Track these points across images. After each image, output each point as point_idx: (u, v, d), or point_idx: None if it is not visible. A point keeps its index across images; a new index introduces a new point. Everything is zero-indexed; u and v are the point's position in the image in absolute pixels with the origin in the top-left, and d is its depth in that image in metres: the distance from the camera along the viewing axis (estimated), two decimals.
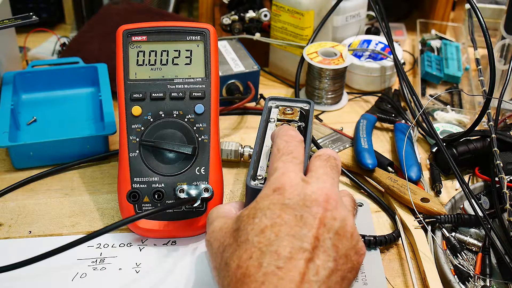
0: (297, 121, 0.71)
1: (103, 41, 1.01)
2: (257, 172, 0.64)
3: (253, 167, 0.64)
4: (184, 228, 0.68)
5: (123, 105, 0.70)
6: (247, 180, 0.62)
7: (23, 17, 0.83)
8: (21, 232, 0.70)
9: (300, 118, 0.72)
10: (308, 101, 0.73)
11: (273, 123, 0.71)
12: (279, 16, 0.97)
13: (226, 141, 0.81)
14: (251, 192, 0.62)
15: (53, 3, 1.16)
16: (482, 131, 0.82)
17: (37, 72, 0.91)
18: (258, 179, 0.63)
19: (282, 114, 0.72)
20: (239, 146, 0.80)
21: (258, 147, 0.67)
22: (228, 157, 0.80)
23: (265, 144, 0.68)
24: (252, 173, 0.63)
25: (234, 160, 0.80)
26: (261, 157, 0.66)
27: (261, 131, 0.69)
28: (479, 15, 0.76)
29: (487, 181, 0.78)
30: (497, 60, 0.93)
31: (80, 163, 0.81)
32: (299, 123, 0.71)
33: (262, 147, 0.68)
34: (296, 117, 0.71)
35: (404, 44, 1.15)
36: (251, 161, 0.65)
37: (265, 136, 0.69)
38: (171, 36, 0.72)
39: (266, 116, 0.71)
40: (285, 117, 0.72)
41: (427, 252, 0.67)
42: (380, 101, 0.95)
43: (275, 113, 0.72)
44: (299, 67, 0.95)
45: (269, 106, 0.73)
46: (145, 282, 0.64)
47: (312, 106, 0.72)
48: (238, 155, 0.80)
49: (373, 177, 0.78)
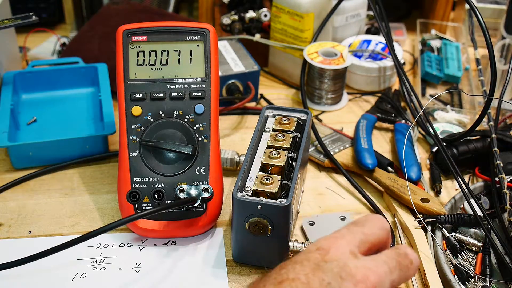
0: (292, 132, 0.70)
1: (103, 41, 1.01)
2: (245, 183, 0.63)
3: (242, 177, 0.63)
4: (184, 228, 0.68)
5: (123, 105, 0.70)
6: (233, 191, 0.61)
7: (23, 17, 0.83)
8: (21, 232, 0.70)
9: (297, 128, 0.71)
10: (306, 111, 0.73)
11: (268, 133, 0.70)
12: (279, 17, 0.97)
13: (223, 149, 0.79)
14: (237, 204, 0.61)
15: (53, 3, 1.16)
16: (482, 131, 0.82)
17: (37, 72, 0.91)
18: (246, 191, 0.62)
19: (278, 124, 0.71)
20: (235, 154, 0.79)
21: (250, 157, 0.66)
22: (224, 165, 0.78)
23: (257, 155, 0.67)
24: (240, 184, 0.62)
25: (230, 168, 0.79)
26: (251, 168, 0.65)
27: (254, 141, 0.68)
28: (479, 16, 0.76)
29: (487, 181, 0.77)
30: (497, 60, 0.93)
31: (80, 163, 0.81)
32: (294, 134, 0.70)
33: (254, 157, 0.67)
34: (292, 128, 0.71)
35: (404, 44, 1.15)
36: (240, 171, 0.64)
37: (258, 146, 0.68)
38: (171, 36, 0.72)
39: (262, 125, 0.71)
40: (281, 127, 0.71)
41: (427, 252, 0.67)
42: (380, 101, 0.94)
43: (271, 123, 0.72)
44: (302, 70, 0.95)
45: (265, 115, 0.73)
46: (145, 282, 0.64)
47: (310, 116, 0.72)
48: (234, 164, 0.79)
49: (373, 177, 0.78)
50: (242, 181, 0.63)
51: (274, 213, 0.60)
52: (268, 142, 0.69)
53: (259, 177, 0.64)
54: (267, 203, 0.60)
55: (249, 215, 0.61)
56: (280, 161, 0.66)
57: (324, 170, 0.82)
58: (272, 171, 0.66)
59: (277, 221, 0.61)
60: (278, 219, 0.61)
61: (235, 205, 0.61)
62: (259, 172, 0.65)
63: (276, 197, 0.62)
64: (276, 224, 0.61)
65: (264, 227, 0.61)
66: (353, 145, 0.83)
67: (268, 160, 0.66)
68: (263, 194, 0.63)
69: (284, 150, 0.68)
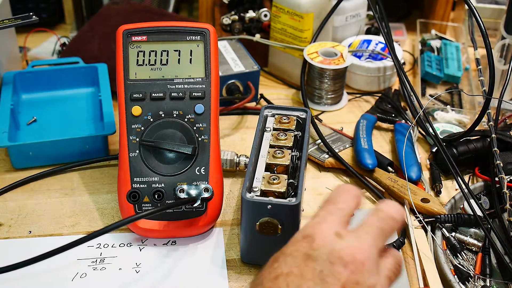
0: (293, 130, 0.71)
1: (103, 41, 1.01)
2: (252, 183, 0.63)
3: (249, 178, 0.63)
4: (184, 228, 0.68)
5: (123, 105, 0.70)
6: (242, 192, 0.61)
7: (23, 17, 0.83)
8: (21, 232, 0.70)
9: (297, 126, 0.72)
10: (305, 109, 0.73)
11: (269, 132, 0.70)
12: (279, 17, 0.97)
13: (222, 150, 0.79)
14: (247, 205, 0.61)
15: (53, 3, 1.16)
16: (482, 131, 0.82)
17: (37, 72, 0.91)
18: (254, 191, 0.62)
19: (278, 123, 0.71)
20: (234, 155, 0.79)
21: (254, 158, 0.66)
22: (224, 166, 0.78)
23: (261, 155, 0.67)
24: (248, 185, 0.62)
25: (230, 169, 0.79)
26: (257, 168, 0.65)
27: (256, 141, 0.68)
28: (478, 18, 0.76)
29: (487, 181, 0.78)
30: (497, 60, 0.93)
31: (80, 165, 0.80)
32: (296, 132, 0.70)
33: (258, 157, 0.67)
34: (293, 126, 0.71)
35: (404, 44, 1.15)
36: (246, 172, 0.64)
37: (261, 146, 0.68)
38: (171, 36, 0.72)
39: (262, 125, 0.71)
40: (281, 126, 0.71)
41: (427, 252, 0.67)
42: (380, 101, 0.95)
43: (271, 122, 0.72)
44: (302, 70, 0.95)
45: (265, 115, 0.73)
46: (145, 282, 0.64)
47: (309, 114, 0.72)
48: (234, 165, 0.79)
49: (373, 177, 0.78)
50: (250, 182, 0.63)
51: (284, 212, 0.60)
52: (270, 142, 0.69)
53: (266, 177, 0.64)
54: (277, 202, 0.60)
55: (259, 215, 0.61)
56: (285, 160, 0.66)
57: (324, 170, 0.82)
58: (277, 170, 0.67)
59: (287, 220, 0.61)
60: (288, 218, 0.61)
61: (245, 206, 0.61)
62: (264, 172, 0.65)
63: (284, 197, 0.62)
64: (286, 223, 0.61)
65: (275, 227, 0.61)
66: (353, 145, 0.83)
67: (272, 159, 0.66)
68: (271, 194, 0.63)
69: (287, 149, 0.68)
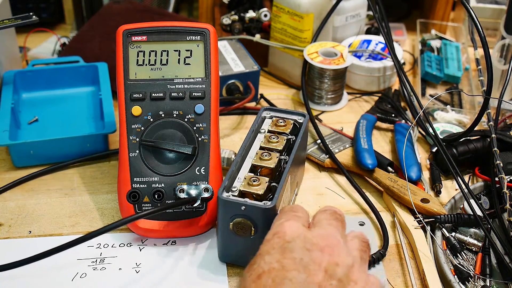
0: (287, 134, 0.70)
1: (104, 40, 1.01)
2: (233, 183, 0.63)
3: (229, 177, 0.63)
4: (184, 228, 0.68)
5: (123, 105, 0.70)
6: (218, 191, 0.61)
7: (23, 17, 0.83)
8: (21, 232, 0.70)
9: (293, 130, 0.71)
10: (304, 113, 0.73)
11: (263, 134, 0.70)
12: (279, 17, 0.97)
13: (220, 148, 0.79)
14: (222, 204, 0.61)
15: (53, 3, 1.16)
16: (482, 131, 0.82)
17: (38, 71, 0.91)
18: (232, 191, 0.62)
19: (274, 126, 0.71)
20: (232, 154, 0.79)
21: (241, 158, 0.66)
22: (222, 164, 0.78)
23: (249, 155, 0.67)
24: (227, 184, 0.62)
25: (227, 168, 0.79)
26: (241, 169, 0.65)
27: (247, 141, 0.68)
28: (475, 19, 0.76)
29: (487, 181, 0.78)
30: (497, 60, 0.93)
31: (80, 161, 0.81)
32: (289, 136, 0.70)
33: (245, 158, 0.67)
34: (288, 130, 0.71)
35: (404, 44, 1.15)
36: (228, 171, 0.63)
37: (250, 147, 0.68)
38: (171, 36, 0.72)
39: (257, 126, 0.71)
40: (277, 128, 0.71)
41: (427, 252, 0.67)
42: (380, 101, 0.95)
43: (267, 124, 0.72)
44: (303, 70, 0.95)
45: (262, 116, 0.73)
46: (145, 282, 0.64)
47: (307, 119, 0.72)
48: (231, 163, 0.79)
49: (373, 178, 0.78)
50: (230, 181, 0.63)
51: (257, 214, 0.60)
52: (261, 144, 0.69)
53: (247, 178, 0.64)
54: (251, 204, 0.60)
55: (233, 215, 0.61)
56: (270, 163, 0.66)
57: (324, 170, 0.82)
58: (261, 172, 0.66)
59: (260, 223, 0.60)
60: (261, 221, 0.60)
61: (220, 205, 0.61)
62: (248, 173, 0.65)
63: (262, 199, 0.62)
64: (260, 225, 0.61)
65: (248, 228, 0.61)
66: (353, 145, 0.83)
67: (258, 161, 0.66)
68: (249, 195, 0.63)
69: (277, 152, 0.67)
